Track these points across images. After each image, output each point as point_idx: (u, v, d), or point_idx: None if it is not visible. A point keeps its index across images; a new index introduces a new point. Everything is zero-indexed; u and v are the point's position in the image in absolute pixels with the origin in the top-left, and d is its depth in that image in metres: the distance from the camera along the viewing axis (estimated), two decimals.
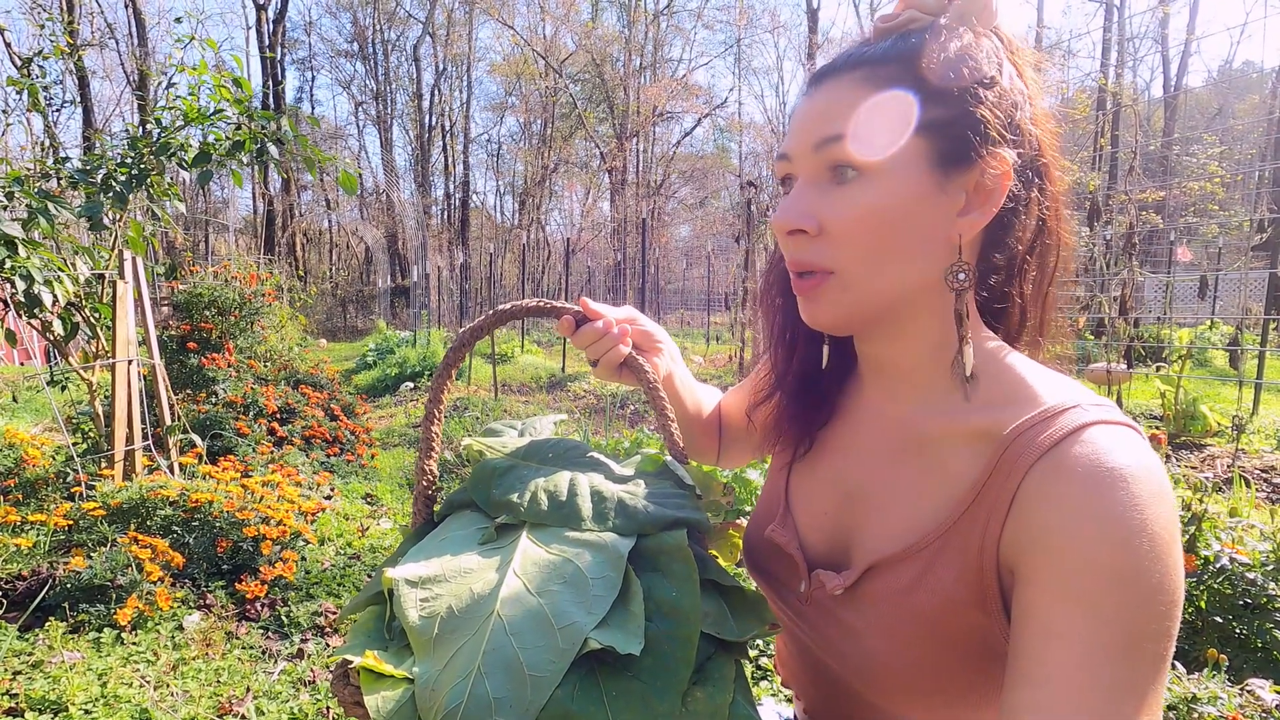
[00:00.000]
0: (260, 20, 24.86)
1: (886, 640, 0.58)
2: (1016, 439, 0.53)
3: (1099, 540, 0.46)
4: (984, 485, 0.54)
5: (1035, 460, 0.51)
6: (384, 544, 3.16)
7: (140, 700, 1.84)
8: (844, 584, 0.61)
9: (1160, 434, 2.16)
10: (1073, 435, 0.50)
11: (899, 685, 0.58)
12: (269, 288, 5.55)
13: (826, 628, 0.64)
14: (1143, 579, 0.45)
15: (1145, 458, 0.49)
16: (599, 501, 0.59)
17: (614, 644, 0.47)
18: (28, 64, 3.35)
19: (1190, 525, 1.81)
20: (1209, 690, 1.32)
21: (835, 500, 0.66)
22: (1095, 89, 17.55)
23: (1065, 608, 0.46)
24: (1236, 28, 22.22)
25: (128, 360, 3.10)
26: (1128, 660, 0.44)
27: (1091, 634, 0.44)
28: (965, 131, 0.55)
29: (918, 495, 0.59)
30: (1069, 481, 0.48)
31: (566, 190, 30.48)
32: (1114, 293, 6.38)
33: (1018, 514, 0.51)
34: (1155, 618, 0.45)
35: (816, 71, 0.60)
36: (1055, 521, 0.48)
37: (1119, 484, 0.47)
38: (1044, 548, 0.48)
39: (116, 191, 2.82)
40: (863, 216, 0.56)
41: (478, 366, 8.88)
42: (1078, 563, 0.46)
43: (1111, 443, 0.49)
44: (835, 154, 0.56)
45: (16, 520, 2.66)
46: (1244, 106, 25.23)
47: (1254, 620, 1.70)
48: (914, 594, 0.57)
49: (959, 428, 0.57)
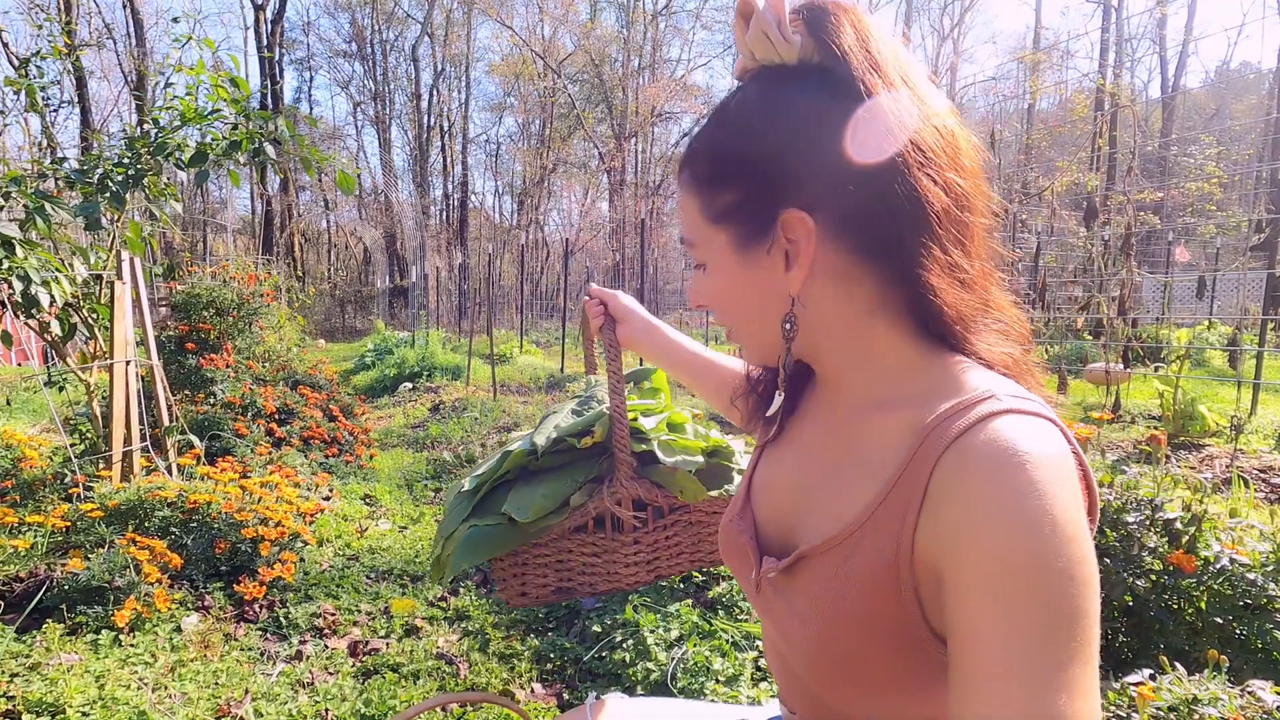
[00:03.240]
0: (258, 20, 24.85)
1: (815, 627, 0.60)
2: (933, 430, 0.54)
3: (1003, 534, 0.47)
4: (900, 477, 0.55)
5: (944, 450, 0.52)
6: (383, 545, 3.15)
7: (138, 702, 1.84)
8: (775, 569, 0.64)
9: (1160, 434, 2.16)
10: (980, 424, 0.51)
11: (836, 674, 0.60)
12: (267, 288, 5.53)
13: (770, 615, 0.67)
14: (1049, 567, 0.45)
15: (1049, 444, 0.50)
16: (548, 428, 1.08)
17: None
18: (25, 64, 3.33)
19: (1190, 526, 1.81)
20: (1210, 692, 1.32)
21: (788, 492, 0.70)
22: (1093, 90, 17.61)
23: (981, 607, 0.47)
24: (1234, 28, 22.26)
25: (125, 361, 3.09)
26: (1048, 649, 0.44)
27: (1009, 629, 0.45)
28: (751, 209, 0.60)
29: (847, 487, 0.61)
30: (973, 473, 0.49)
31: (565, 190, 30.48)
32: (1112, 293, 6.39)
33: (930, 508, 0.52)
34: (1068, 602, 0.45)
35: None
36: (964, 519, 0.49)
37: (1018, 472, 0.48)
38: (956, 547, 0.49)
39: (113, 192, 2.81)
40: (714, 298, 0.67)
41: (476, 367, 8.87)
42: (985, 560, 0.47)
43: (1016, 431, 0.50)
44: (689, 250, 0.67)
45: (14, 521, 2.65)
46: (1241, 107, 25.28)
47: (1255, 621, 1.70)
48: (836, 582, 0.58)
49: (889, 422, 0.59)
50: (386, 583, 2.75)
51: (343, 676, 2.08)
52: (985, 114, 18.68)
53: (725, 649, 2.02)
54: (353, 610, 2.50)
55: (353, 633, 2.37)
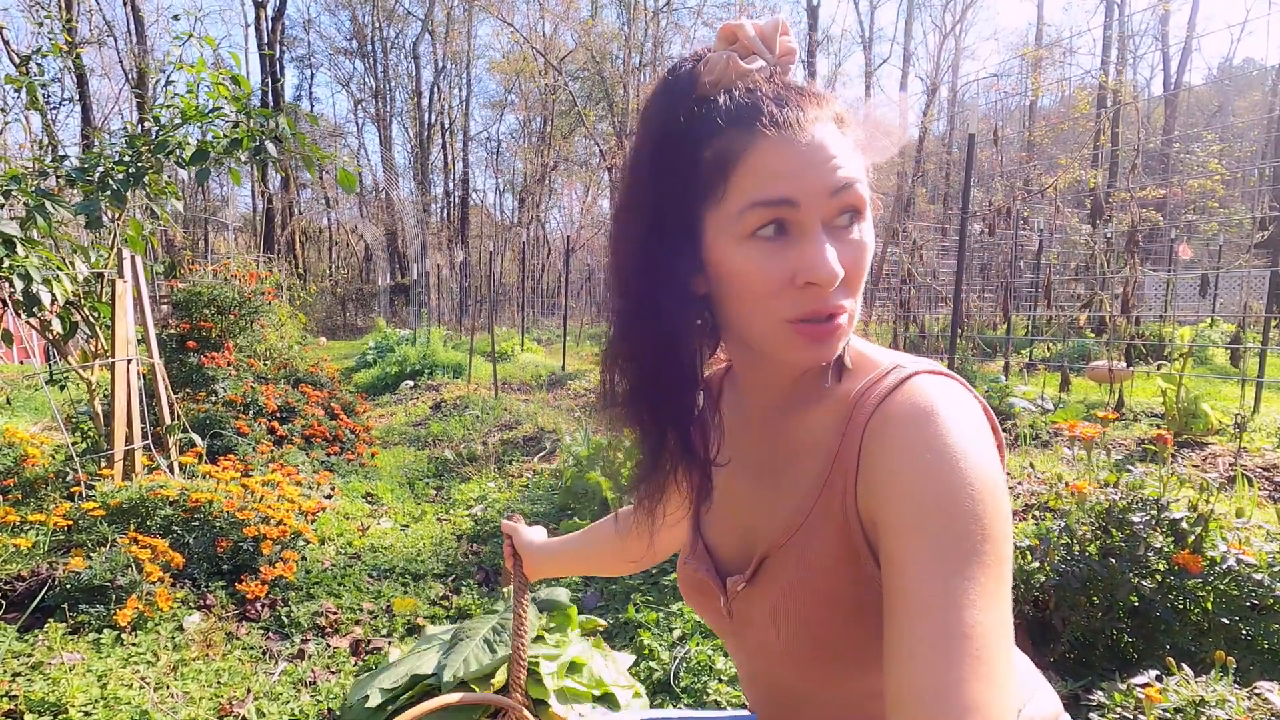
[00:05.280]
0: (259, 18, 24.81)
1: (789, 621, 0.63)
2: (858, 403, 0.60)
3: (917, 473, 0.52)
4: (838, 450, 0.60)
5: (869, 416, 0.58)
6: (384, 543, 3.15)
7: (140, 702, 1.83)
8: (744, 578, 0.68)
9: (1166, 434, 2.15)
10: (898, 388, 0.58)
11: (813, 658, 0.63)
12: (268, 286, 5.53)
13: (746, 628, 0.70)
14: (962, 498, 0.50)
15: (957, 396, 0.57)
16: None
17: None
18: (25, 61, 3.32)
19: (1196, 526, 1.80)
20: (1217, 694, 1.31)
21: (734, 511, 0.72)
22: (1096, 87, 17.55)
23: (906, 540, 0.51)
24: (1237, 25, 22.18)
25: (127, 359, 3.09)
26: (963, 573, 0.48)
27: (928, 556, 0.49)
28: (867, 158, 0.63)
29: (793, 478, 0.65)
30: (895, 427, 0.55)
31: (566, 188, 30.44)
32: (1115, 291, 6.37)
33: (865, 468, 0.57)
34: (978, 528, 0.50)
35: (785, 112, 0.57)
36: (886, 466, 0.54)
37: (933, 419, 0.54)
38: (883, 493, 0.54)
39: (114, 190, 2.80)
40: (865, 256, 0.60)
41: (478, 365, 8.86)
42: (904, 498, 0.52)
43: (927, 388, 0.57)
44: (849, 199, 0.58)
45: (16, 520, 2.64)
46: (1244, 104, 25.20)
47: (1261, 622, 1.69)
48: (800, 568, 0.62)
49: (821, 408, 0.64)
50: (388, 581, 2.74)
51: (345, 675, 2.08)
52: (987, 111, 18.63)
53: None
54: (355, 609, 2.50)
55: (355, 631, 2.37)
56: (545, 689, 1.13)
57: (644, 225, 0.62)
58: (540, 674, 1.14)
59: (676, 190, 0.60)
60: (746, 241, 0.57)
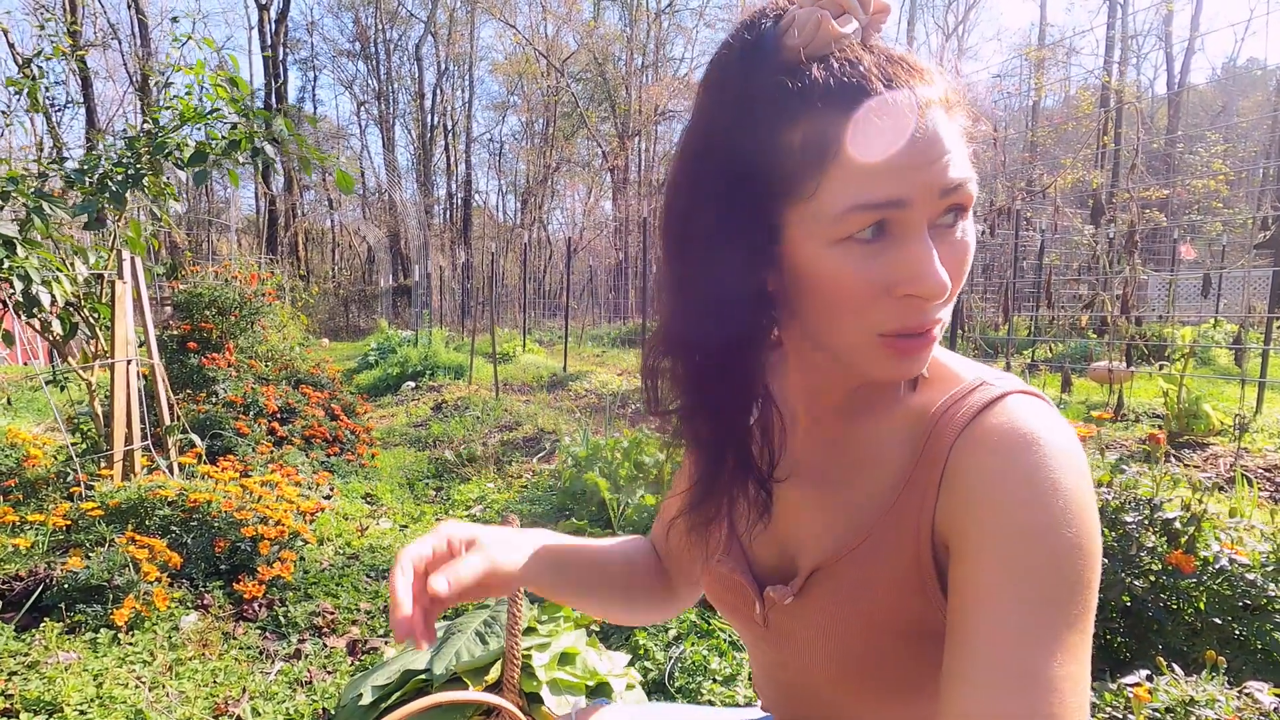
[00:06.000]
0: (262, 20, 24.91)
1: (840, 638, 0.59)
2: (939, 420, 0.55)
3: (1013, 502, 0.48)
4: (914, 469, 0.56)
5: (957, 437, 0.53)
6: (383, 544, 3.15)
7: (135, 701, 1.84)
8: (792, 592, 0.62)
9: (1159, 434, 2.15)
10: (987, 408, 0.53)
11: (861, 681, 0.59)
12: (270, 287, 5.55)
13: (786, 641, 0.65)
14: (1056, 534, 0.46)
15: (1054, 422, 0.51)
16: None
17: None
18: (27, 64, 3.34)
19: (1189, 526, 1.80)
20: (1207, 693, 1.31)
21: (776, 517, 0.65)
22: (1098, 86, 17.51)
23: (986, 570, 0.47)
24: (1240, 24, 22.12)
25: (127, 360, 3.10)
26: (1046, 613, 0.45)
27: (1010, 591, 0.46)
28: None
29: (853, 491, 0.60)
30: (987, 451, 0.51)
31: (568, 189, 30.48)
32: (1116, 291, 6.35)
33: (947, 490, 0.53)
34: (1074, 571, 0.46)
35: (895, 95, 0.48)
36: (977, 490, 0.50)
37: (1031, 447, 0.49)
38: (968, 518, 0.50)
39: (113, 192, 2.81)
40: (968, 258, 0.53)
41: (479, 366, 8.87)
42: (995, 526, 0.48)
43: (1022, 411, 0.52)
44: (959, 198, 0.50)
45: (15, 520, 2.66)
46: (1248, 104, 25.11)
47: (1254, 622, 1.69)
48: (859, 588, 0.58)
49: (890, 419, 0.59)
50: (386, 581, 2.75)
51: (341, 675, 2.08)
52: (989, 111, 18.62)
53: (723, 648, 2.02)
54: (352, 609, 2.50)
55: (351, 631, 2.37)
56: (538, 680, 1.13)
57: (709, 215, 0.52)
58: (533, 665, 1.14)
59: (753, 177, 0.50)
60: (840, 244, 0.49)
